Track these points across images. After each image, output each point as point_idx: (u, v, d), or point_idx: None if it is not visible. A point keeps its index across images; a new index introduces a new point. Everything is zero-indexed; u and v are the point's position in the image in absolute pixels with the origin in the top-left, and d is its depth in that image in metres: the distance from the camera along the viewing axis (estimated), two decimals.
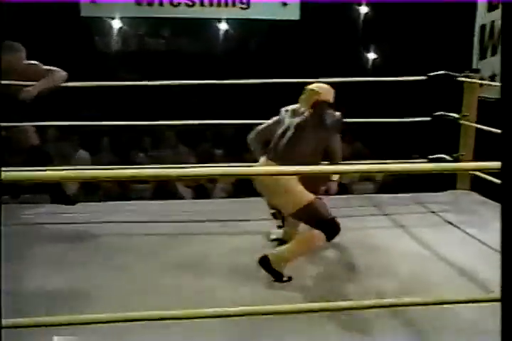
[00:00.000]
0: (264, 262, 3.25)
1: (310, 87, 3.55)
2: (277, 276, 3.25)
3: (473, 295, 2.78)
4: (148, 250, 3.77)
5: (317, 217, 3.26)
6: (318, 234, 3.23)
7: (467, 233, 4.09)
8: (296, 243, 3.28)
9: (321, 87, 3.53)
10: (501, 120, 1.61)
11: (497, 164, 1.85)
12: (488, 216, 4.32)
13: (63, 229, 4.13)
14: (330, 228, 3.26)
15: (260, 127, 3.71)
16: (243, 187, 6.63)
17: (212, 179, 6.92)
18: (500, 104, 1.61)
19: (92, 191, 6.40)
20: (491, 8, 5.03)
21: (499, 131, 1.66)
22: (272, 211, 3.83)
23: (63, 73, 4.34)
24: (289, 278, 3.27)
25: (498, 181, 3.77)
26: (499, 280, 1.58)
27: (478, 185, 4.86)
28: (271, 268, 3.24)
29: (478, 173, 4.58)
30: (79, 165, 6.73)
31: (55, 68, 4.32)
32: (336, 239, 3.85)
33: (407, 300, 2.63)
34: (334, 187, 3.66)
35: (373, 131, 7.82)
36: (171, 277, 3.35)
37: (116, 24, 10.66)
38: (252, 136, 3.71)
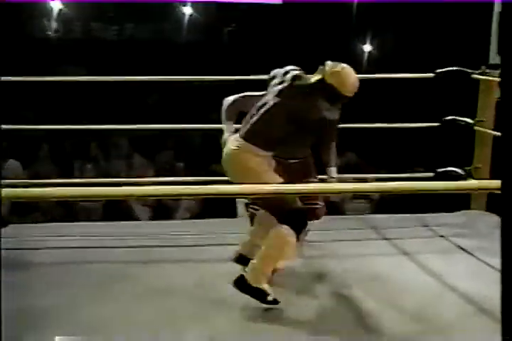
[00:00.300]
0: (241, 283, 3.32)
1: (338, 64, 3.43)
2: (260, 295, 3.30)
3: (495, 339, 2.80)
4: (96, 282, 3.74)
5: (282, 205, 3.31)
6: (285, 230, 3.30)
7: (483, 261, 4.14)
8: (267, 246, 3.35)
9: (344, 69, 3.40)
10: (501, 134, 1.64)
11: (496, 183, 1.88)
12: None
13: None
14: (295, 218, 3.32)
15: (243, 94, 3.69)
16: (210, 207, 6.65)
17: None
18: (499, 118, 1.65)
19: (28, 210, 6.36)
20: None
21: None
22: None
23: None
24: (275, 300, 3.31)
25: None
26: None
27: (496, 205, 4.93)
28: (250, 288, 3.31)
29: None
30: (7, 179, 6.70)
31: None
32: (329, 268, 3.90)
33: None
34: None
35: (371, 139, 7.89)
36: (124, 315, 3.32)
37: (56, 6, 10.65)
38: (229, 99, 3.67)
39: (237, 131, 3.54)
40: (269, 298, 3.31)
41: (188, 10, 10.87)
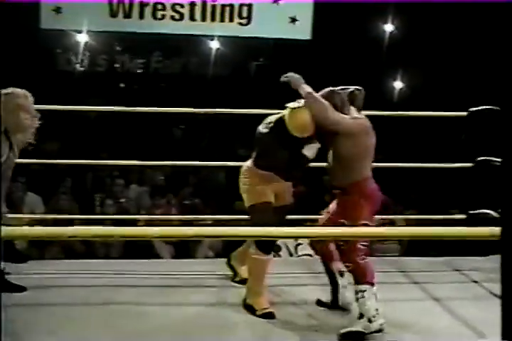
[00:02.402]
0: (243, 301, 3.90)
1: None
2: (251, 310, 3.82)
3: None
4: (111, 322, 3.70)
5: (252, 223, 3.85)
6: (252, 249, 3.84)
7: None
8: (248, 269, 3.98)
9: (293, 110, 3.79)
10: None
11: (497, 230, 1.84)
12: None
13: (5, 295, 4.05)
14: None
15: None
16: (233, 244, 6.60)
17: None
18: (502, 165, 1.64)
19: (47, 246, 6.37)
20: None
21: None
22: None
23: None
24: (265, 315, 3.77)
25: None
26: None
27: None
28: (245, 305, 3.87)
29: None
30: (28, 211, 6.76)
31: None
32: (351, 315, 3.83)
33: None
34: None
35: (400, 180, 7.85)
36: None
37: (84, 39, 10.78)
38: None
39: None
40: (258, 313, 3.80)
41: (215, 44, 10.96)
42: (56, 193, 7.89)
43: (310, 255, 4.63)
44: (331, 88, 3.87)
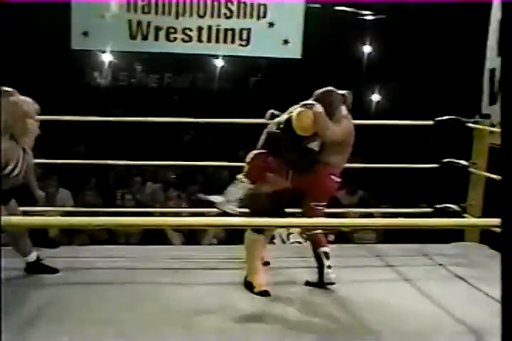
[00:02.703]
0: (246, 284, 3.86)
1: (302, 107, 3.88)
2: (249, 287, 3.80)
3: None
4: (129, 300, 3.68)
5: (250, 206, 3.92)
6: (247, 231, 3.88)
7: (479, 289, 4.04)
8: (245, 249, 3.93)
9: (299, 113, 3.84)
10: (503, 174, 1.61)
11: (496, 221, 1.84)
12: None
13: (41, 276, 4.05)
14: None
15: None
16: (235, 234, 6.60)
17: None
18: (499, 162, 1.62)
19: (75, 233, 6.35)
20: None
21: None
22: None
23: (36, 106, 4.33)
24: (262, 292, 3.74)
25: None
26: None
27: (488, 238, 4.85)
28: (245, 282, 3.86)
29: None
30: (60, 204, 6.75)
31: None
32: (334, 293, 3.83)
33: None
34: None
35: (377, 178, 7.85)
36: (152, 332, 3.26)
37: (108, 58, 10.80)
38: None
39: None
40: (255, 291, 3.76)
41: (219, 62, 10.99)
42: (83, 189, 7.88)
43: (300, 242, 4.64)
44: (331, 88, 4.02)
